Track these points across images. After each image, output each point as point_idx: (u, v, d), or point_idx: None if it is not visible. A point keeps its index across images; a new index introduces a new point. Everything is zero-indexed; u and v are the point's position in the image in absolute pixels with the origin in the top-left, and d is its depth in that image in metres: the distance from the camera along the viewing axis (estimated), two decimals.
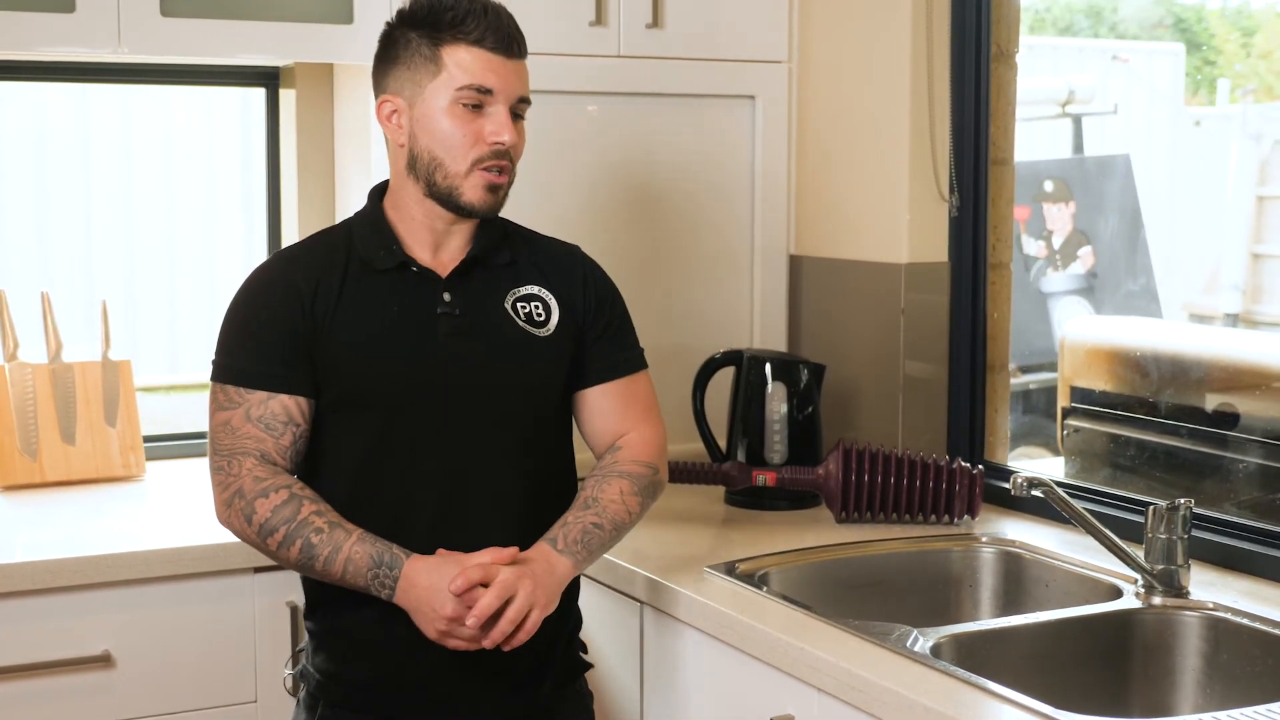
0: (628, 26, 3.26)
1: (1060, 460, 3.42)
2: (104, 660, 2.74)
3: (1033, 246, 5.87)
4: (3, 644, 2.68)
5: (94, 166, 3.71)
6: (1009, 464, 3.26)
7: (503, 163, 2.33)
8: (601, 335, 2.48)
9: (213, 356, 2.37)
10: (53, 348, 3.33)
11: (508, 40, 2.32)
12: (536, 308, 2.41)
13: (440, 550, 2.25)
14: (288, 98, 3.47)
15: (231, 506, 2.29)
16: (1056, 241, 5.88)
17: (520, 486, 2.38)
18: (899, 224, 3.19)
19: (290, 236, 3.52)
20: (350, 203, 3.35)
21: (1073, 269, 5.87)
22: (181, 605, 2.80)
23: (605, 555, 2.66)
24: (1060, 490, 2.51)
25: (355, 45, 3.13)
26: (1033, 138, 6.37)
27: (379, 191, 2.44)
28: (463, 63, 2.30)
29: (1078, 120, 6.26)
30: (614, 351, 2.49)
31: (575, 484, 2.47)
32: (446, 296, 2.36)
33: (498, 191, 2.34)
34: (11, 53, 3.09)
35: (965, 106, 3.14)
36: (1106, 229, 6.01)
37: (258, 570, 2.82)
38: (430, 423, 2.34)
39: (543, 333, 2.40)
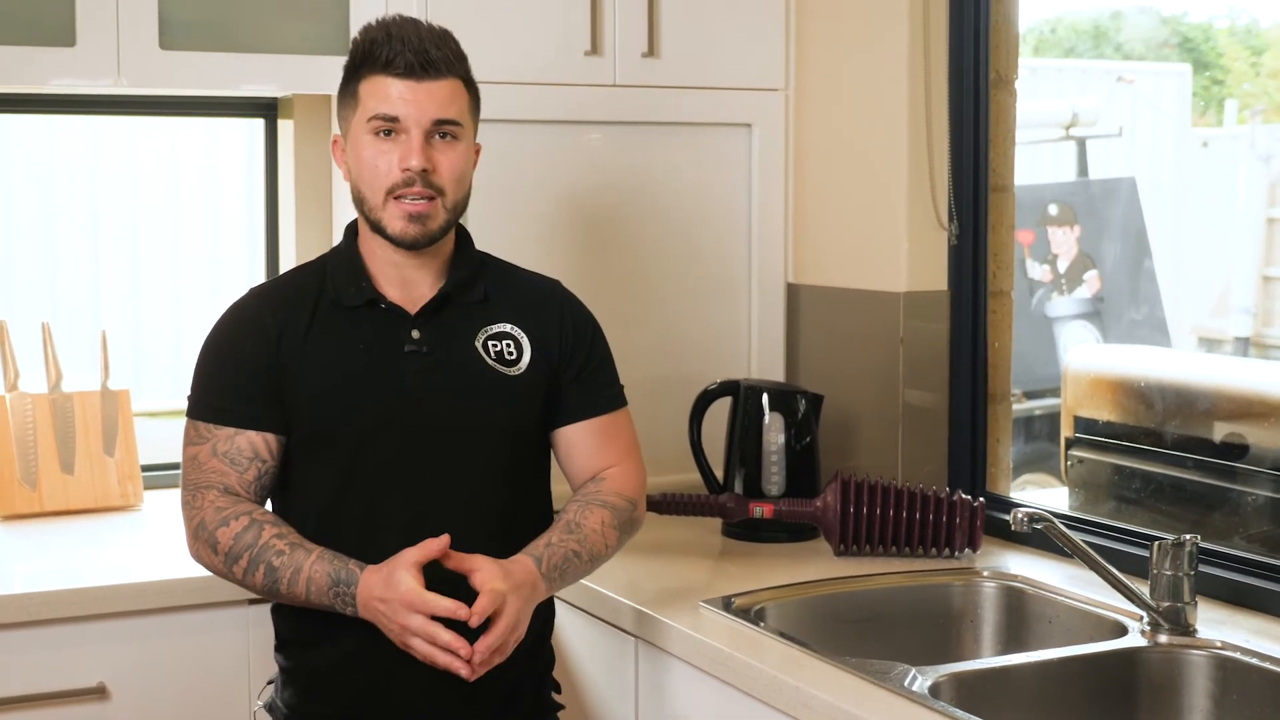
0: (623, 56, 3.24)
1: (1064, 490, 3.39)
2: (99, 692, 2.73)
3: (1037, 271, 5.85)
4: None
5: (100, 196, 3.72)
6: (1011, 494, 3.24)
7: (416, 190, 2.28)
8: (579, 373, 2.45)
9: (187, 393, 2.38)
10: (53, 378, 3.32)
11: (416, 63, 2.27)
12: (508, 346, 2.39)
13: (390, 560, 2.21)
14: (285, 129, 3.47)
15: (198, 539, 2.29)
16: (1062, 265, 5.86)
17: (487, 525, 2.35)
18: (898, 252, 3.17)
19: (288, 266, 3.51)
20: None
21: (1078, 293, 5.85)
22: (176, 637, 2.79)
23: (597, 587, 2.66)
24: (1062, 525, 2.48)
25: None
26: (1037, 161, 6.35)
27: (354, 228, 2.43)
28: (373, 92, 2.29)
29: (1082, 143, 6.25)
30: (593, 390, 2.46)
31: (549, 522, 2.42)
32: (415, 334, 2.34)
33: (423, 220, 2.29)
34: (15, 86, 3.09)
35: (964, 133, 3.12)
36: (1112, 252, 5.99)
37: (252, 602, 2.80)
38: (395, 462, 2.32)
39: (513, 371, 2.38)
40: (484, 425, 2.36)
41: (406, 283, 2.37)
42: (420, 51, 2.27)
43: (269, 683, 2.51)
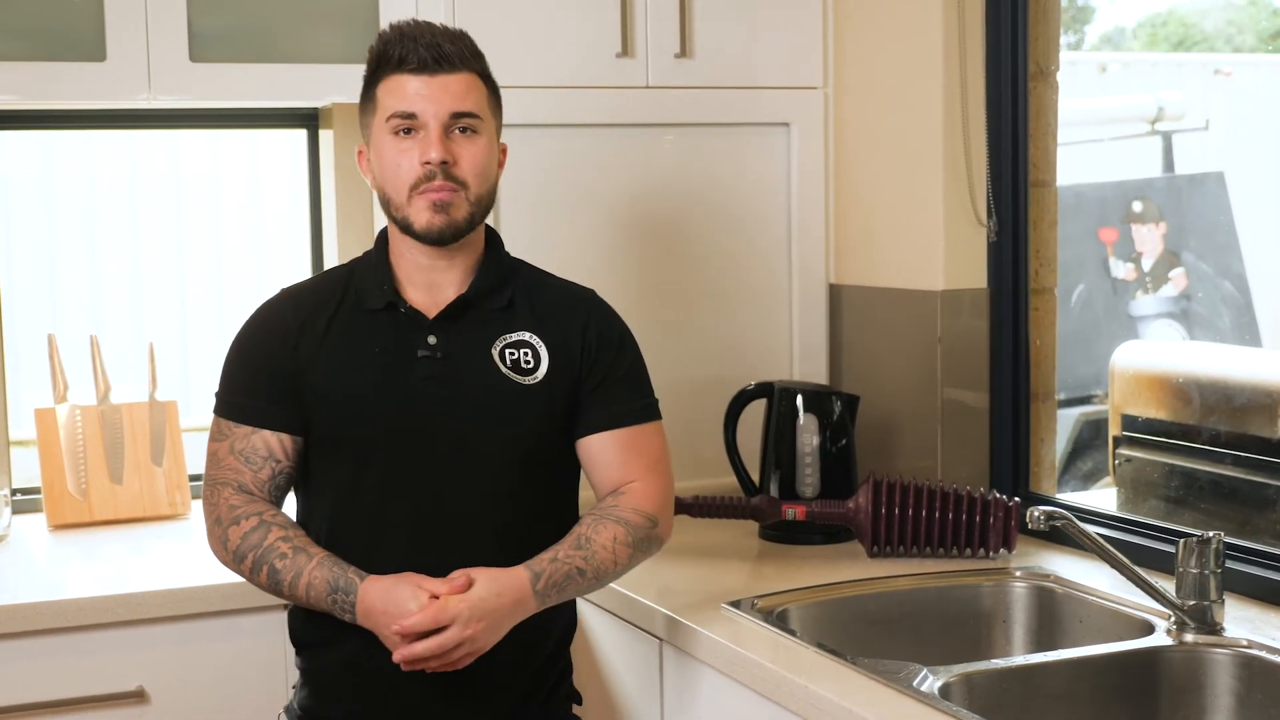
0: (656, 57, 3.24)
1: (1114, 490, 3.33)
2: (138, 696, 2.77)
3: (1121, 269, 5.75)
4: (37, 680, 2.71)
5: (142, 209, 3.76)
6: (1058, 494, 3.18)
7: (439, 183, 2.27)
8: (601, 383, 2.40)
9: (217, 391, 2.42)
10: (101, 390, 3.37)
11: (429, 58, 2.27)
12: (525, 354, 2.36)
13: (396, 574, 2.23)
14: (326, 139, 3.49)
15: (212, 534, 2.34)
16: (1146, 264, 5.75)
17: (495, 534, 2.33)
18: (934, 250, 3.13)
19: None
20: None
21: (1164, 291, 5.73)
22: (213, 642, 2.82)
23: (624, 590, 2.65)
24: (1079, 523, 2.44)
25: None
26: (1121, 157, 6.24)
27: (385, 234, 2.43)
28: (389, 92, 2.30)
29: (1168, 138, 6.13)
30: (617, 401, 2.41)
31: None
32: (431, 339, 2.34)
33: (446, 210, 2.28)
34: (48, 102, 3.14)
35: (1002, 127, 3.07)
36: (1199, 249, 5.86)
37: (287, 607, 2.82)
38: (402, 467, 2.32)
39: (528, 380, 2.35)
40: (494, 434, 2.33)
41: (432, 286, 2.37)
42: (433, 46, 2.28)
43: (293, 686, 2.52)
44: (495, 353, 2.35)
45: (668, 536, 2.44)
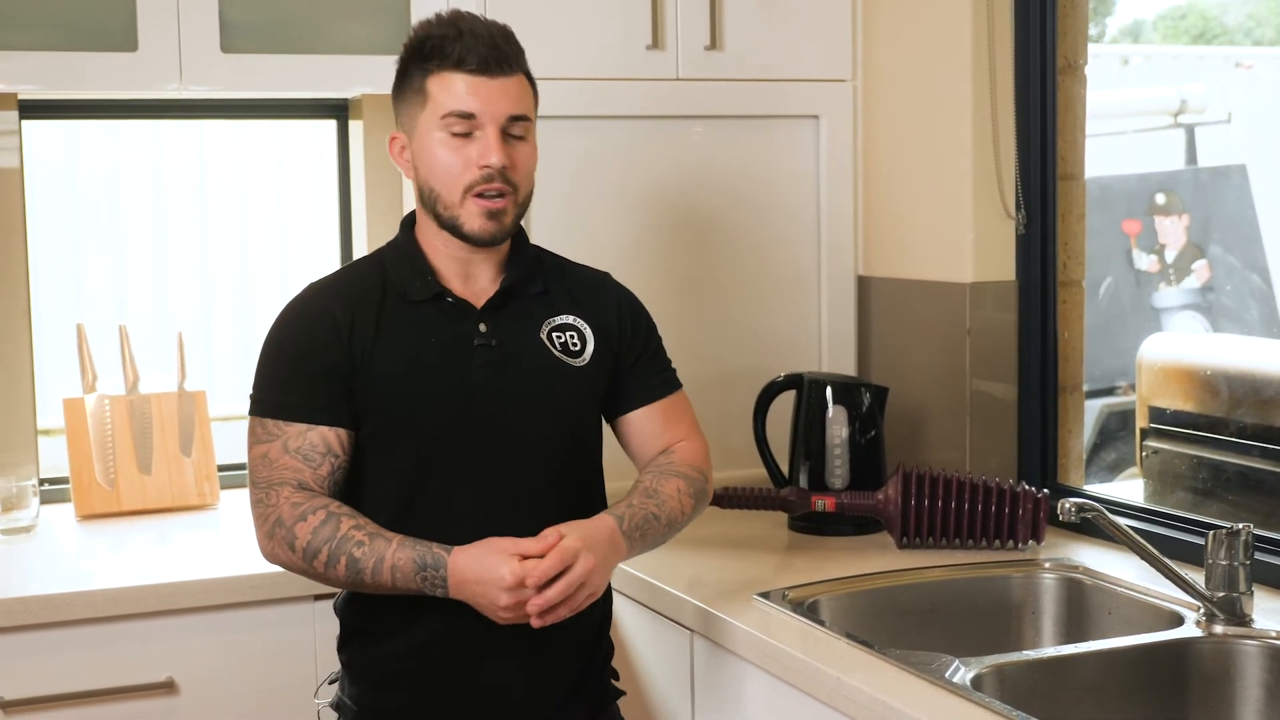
0: (686, 49, 3.24)
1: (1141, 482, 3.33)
2: (167, 687, 2.77)
3: (1144, 261, 5.75)
4: (67, 670, 2.72)
5: (167, 199, 3.76)
6: (1086, 486, 3.19)
7: (496, 186, 2.28)
8: (637, 361, 2.47)
9: (250, 392, 2.37)
10: (130, 379, 3.38)
11: (490, 59, 2.27)
12: (572, 337, 2.40)
13: (482, 540, 2.23)
14: (356, 129, 3.50)
15: (273, 537, 2.27)
16: (1169, 255, 5.75)
17: (556, 512, 2.35)
18: (963, 243, 3.13)
19: None
20: None
21: (1187, 283, 5.74)
22: (243, 632, 2.83)
23: (655, 580, 2.67)
24: (1110, 515, 2.44)
25: None
26: (1144, 150, 6.24)
27: (410, 220, 2.43)
28: (445, 89, 2.28)
29: (1190, 130, 6.12)
30: (652, 374, 2.49)
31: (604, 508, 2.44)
32: (482, 327, 2.35)
33: (499, 217, 2.30)
34: (78, 92, 3.15)
35: (1031, 121, 3.08)
36: (1222, 241, 5.86)
37: (317, 598, 2.83)
38: (467, 454, 2.33)
39: (578, 362, 2.39)
40: (552, 415, 2.38)
41: (469, 277, 2.38)
42: (492, 47, 2.28)
43: (331, 681, 2.51)
44: (544, 336, 2.39)
45: (712, 492, 2.53)
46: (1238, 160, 5.95)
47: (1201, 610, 2.40)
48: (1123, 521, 2.53)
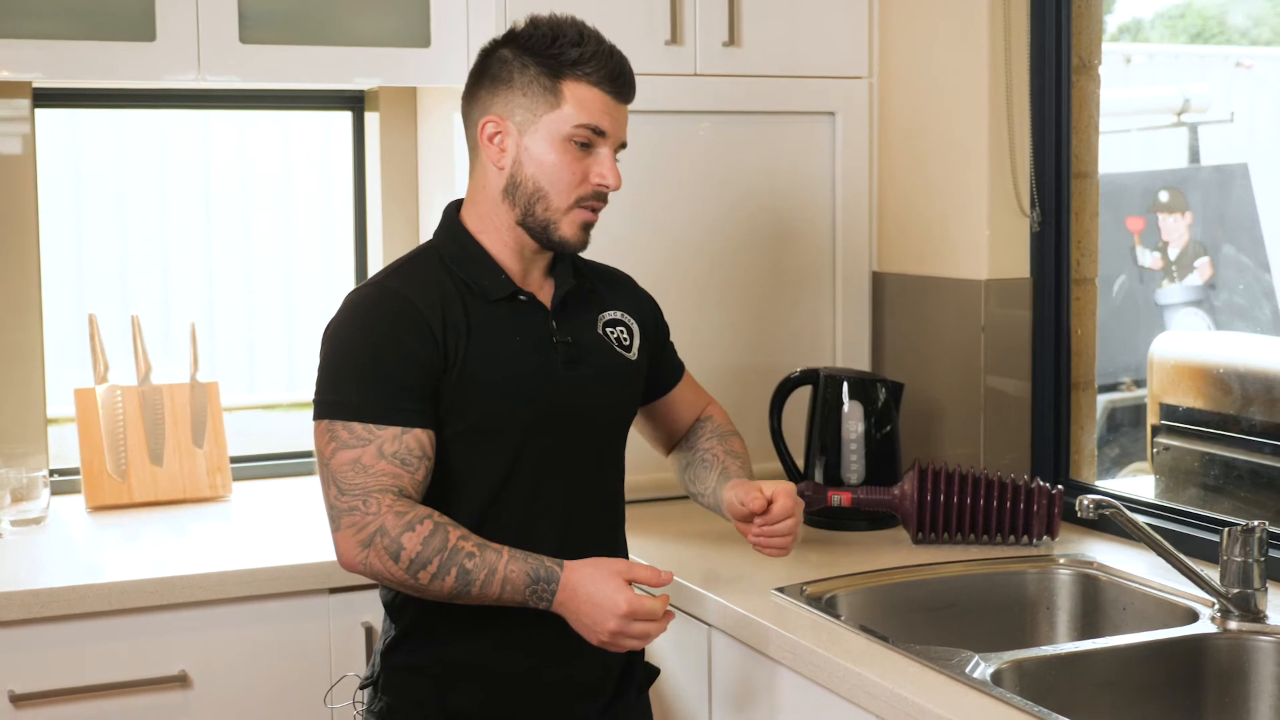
0: (704, 45, 3.24)
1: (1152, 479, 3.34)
2: (181, 680, 2.78)
3: (1148, 258, 5.75)
4: (80, 663, 2.72)
5: (173, 190, 3.75)
6: (1099, 482, 3.19)
7: (601, 204, 2.35)
8: (663, 347, 2.61)
9: (323, 394, 2.28)
10: (142, 370, 3.38)
11: (625, 86, 2.35)
12: (622, 332, 2.47)
13: (595, 560, 2.23)
14: (372, 121, 3.50)
15: (372, 546, 2.19)
16: (1172, 253, 5.75)
17: (616, 506, 2.47)
18: (979, 239, 3.14)
19: (375, 259, 3.55)
20: (433, 225, 3.37)
21: (1189, 280, 5.73)
22: (258, 625, 2.83)
23: (674, 577, 2.68)
24: (1128, 512, 2.45)
25: (432, 68, 3.16)
26: (1147, 148, 6.25)
27: (455, 209, 2.42)
28: (583, 101, 2.30)
29: (1194, 129, 6.13)
30: (673, 356, 2.66)
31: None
32: (554, 324, 2.38)
33: (589, 230, 2.37)
34: (95, 81, 3.14)
35: (1046, 119, 3.09)
36: (1224, 239, 5.86)
37: (333, 591, 2.84)
38: (555, 451, 2.35)
39: (631, 355, 2.47)
40: (617, 408, 2.47)
41: (528, 276, 2.40)
42: (627, 75, 2.36)
43: (362, 686, 2.45)
44: (602, 332, 2.44)
45: None
46: (1240, 159, 5.95)
47: (1216, 606, 2.42)
48: (1137, 518, 2.54)
